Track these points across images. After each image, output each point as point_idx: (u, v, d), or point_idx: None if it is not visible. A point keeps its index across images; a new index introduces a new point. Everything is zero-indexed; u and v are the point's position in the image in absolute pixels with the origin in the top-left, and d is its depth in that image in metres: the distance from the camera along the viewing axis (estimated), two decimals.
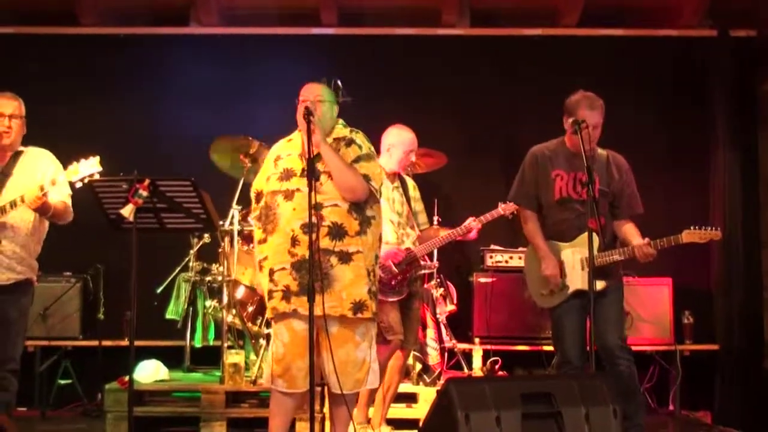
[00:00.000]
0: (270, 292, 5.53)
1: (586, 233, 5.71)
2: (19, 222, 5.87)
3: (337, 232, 5.40)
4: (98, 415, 7.62)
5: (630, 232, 6.12)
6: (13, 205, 5.68)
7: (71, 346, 8.44)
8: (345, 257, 5.40)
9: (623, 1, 9.21)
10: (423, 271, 7.00)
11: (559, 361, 6.13)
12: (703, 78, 9.18)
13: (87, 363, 8.39)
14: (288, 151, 5.62)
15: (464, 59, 9.28)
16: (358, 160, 5.52)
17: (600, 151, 6.18)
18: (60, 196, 5.89)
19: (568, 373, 5.94)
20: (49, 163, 6.05)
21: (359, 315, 5.39)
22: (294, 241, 5.40)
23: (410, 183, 7.02)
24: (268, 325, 6.99)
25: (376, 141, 6.50)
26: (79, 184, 5.65)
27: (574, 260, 6.04)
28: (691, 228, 5.93)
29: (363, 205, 5.51)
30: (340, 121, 5.77)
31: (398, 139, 6.77)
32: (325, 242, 5.34)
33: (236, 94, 9.05)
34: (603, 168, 6.10)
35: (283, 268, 5.45)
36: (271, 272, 5.51)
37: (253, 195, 5.78)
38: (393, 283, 6.56)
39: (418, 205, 7.02)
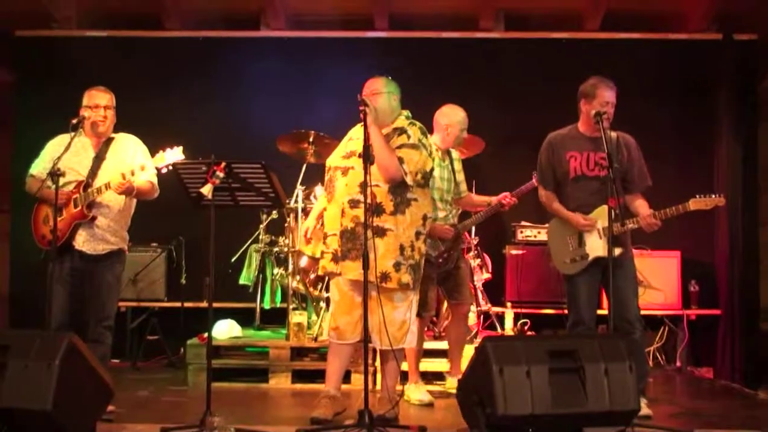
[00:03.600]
0: (322, 252, 5.63)
1: (602, 206, 5.68)
2: (113, 201, 5.89)
3: (376, 209, 5.39)
4: (181, 366, 7.65)
5: (641, 205, 5.98)
6: (107, 186, 5.70)
7: (158, 307, 8.48)
8: (380, 232, 5.38)
9: (640, 8, 9.05)
10: (463, 246, 6.92)
11: (572, 322, 5.97)
12: (709, 77, 9.03)
13: (171, 321, 8.42)
14: (358, 134, 5.55)
15: (500, 59, 9.16)
16: (401, 146, 5.48)
17: (611, 133, 6.07)
18: (147, 177, 5.88)
19: (588, 333, 5.82)
20: (137, 148, 6.06)
21: (384, 284, 5.35)
22: (342, 213, 5.46)
23: (455, 155, 6.85)
24: (327, 289, 6.98)
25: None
26: (164, 170, 5.66)
27: (593, 230, 5.94)
28: (697, 196, 5.79)
29: (402, 188, 5.46)
30: (405, 113, 5.70)
31: (455, 119, 6.59)
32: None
33: (300, 90, 8.98)
34: (614, 149, 5.97)
35: (334, 234, 5.51)
36: (325, 236, 5.61)
37: (326, 168, 5.80)
38: (440, 260, 6.49)
39: (460, 176, 6.84)
